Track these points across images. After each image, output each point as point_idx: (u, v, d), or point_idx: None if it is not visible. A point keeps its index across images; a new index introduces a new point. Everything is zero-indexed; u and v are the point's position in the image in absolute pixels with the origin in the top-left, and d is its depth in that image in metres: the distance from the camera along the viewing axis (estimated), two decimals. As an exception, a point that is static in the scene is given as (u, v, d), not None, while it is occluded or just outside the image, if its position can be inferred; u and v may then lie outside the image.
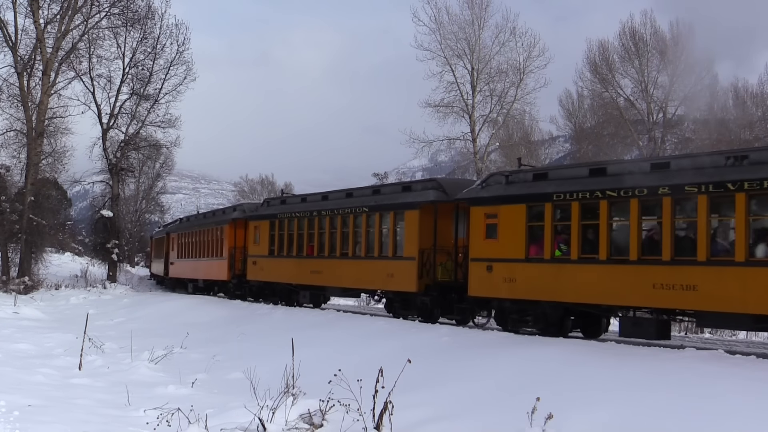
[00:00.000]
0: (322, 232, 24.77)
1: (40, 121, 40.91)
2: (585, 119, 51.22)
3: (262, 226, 28.66)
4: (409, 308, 20.73)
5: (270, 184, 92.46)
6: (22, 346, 18.63)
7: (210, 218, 36.50)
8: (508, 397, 10.59)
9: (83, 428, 9.90)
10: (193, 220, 40.95)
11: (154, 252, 52.23)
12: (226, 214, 33.97)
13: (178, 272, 41.04)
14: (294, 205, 27.28)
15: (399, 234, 21.24)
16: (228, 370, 15.13)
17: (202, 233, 35.98)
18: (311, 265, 25.18)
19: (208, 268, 34.77)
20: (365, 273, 22.34)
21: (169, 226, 45.55)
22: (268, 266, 28.12)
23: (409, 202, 20.75)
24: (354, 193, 24.26)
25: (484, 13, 42.96)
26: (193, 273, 37.56)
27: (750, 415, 8.64)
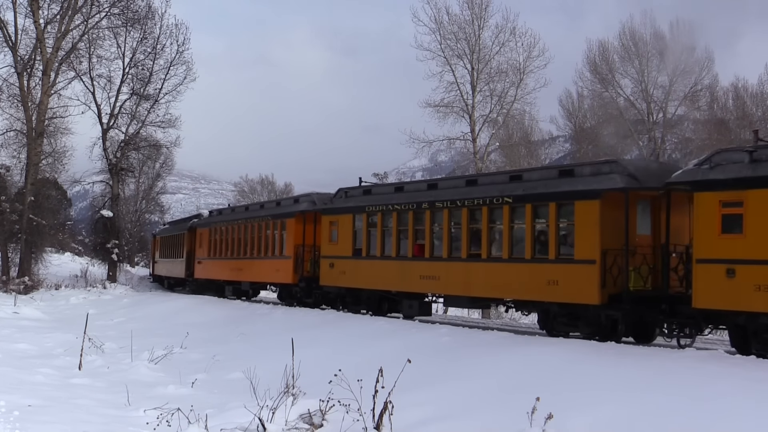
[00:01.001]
0: (437, 229, 20.28)
1: (40, 121, 40.90)
2: (585, 119, 51.21)
3: (341, 222, 23.77)
4: (585, 325, 16.33)
5: (270, 184, 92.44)
6: (22, 346, 18.63)
7: (263, 210, 31.11)
8: (508, 397, 10.59)
9: (83, 428, 9.90)
10: (232, 213, 35.09)
11: (161, 251, 47.25)
12: (289, 205, 28.69)
13: (209, 273, 35.56)
14: (386, 196, 22.60)
15: (565, 230, 16.96)
16: (228, 370, 15.13)
17: (250, 228, 30.68)
18: (421, 268, 20.58)
19: (263, 269, 29.35)
20: (510, 279, 17.94)
21: (193, 221, 39.68)
22: (352, 269, 23.10)
23: (584, 190, 16.36)
24: (479, 180, 20.22)
25: (484, 13, 42.86)
26: (236, 274, 32.10)
27: (750, 415, 8.64)
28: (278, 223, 28.15)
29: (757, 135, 16.25)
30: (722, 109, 46.27)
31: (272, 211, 29.78)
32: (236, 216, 33.23)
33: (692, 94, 44.43)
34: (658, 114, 45.37)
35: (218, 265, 34.29)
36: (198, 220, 38.51)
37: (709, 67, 44.74)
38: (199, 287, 36.63)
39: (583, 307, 16.15)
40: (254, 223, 30.47)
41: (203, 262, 36.15)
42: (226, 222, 33.79)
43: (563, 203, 16.91)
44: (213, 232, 34.92)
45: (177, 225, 44.39)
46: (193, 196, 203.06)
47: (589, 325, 16.21)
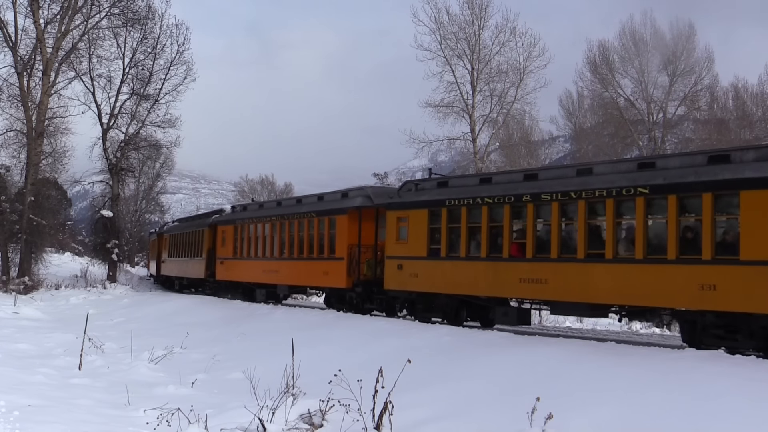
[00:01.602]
0: (543, 225, 17.44)
1: (40, 121, 40.89)
2: (585, 119, 51.28)
3: (413, 218, 20.66)
4: (749, 338, 13.71)
5: (270, 184, 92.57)
6: (22, 346, 18.62)
7: (303, 206, 27.43)
8: (508, 397, 10.59)
9: (83, 428, 9.90)
10: (261, 210, 31.68)
11: (171, 250, 44.12)
12: (336, 200, 25.18)
13: (235, 274, 32.23)
14: (470, 189, 19.32)
15: (725, 225, 14.31)
16: (228, 370, 15.13)
17: (288, 226, 27.50)
18: (521, 270, 17.50)
19: (306, 271, 26.34)
20: (645, 282, 15.04)
21: (214, 217, 36.14)
22: (427, 272, 20.08)
23: (755, 178, 13.49)
24: (595, 169, 17.02)
25: (484, 13, 42.98)
26: (270, 277, 28.95)
27: (750, 415, 8.64)
28: (325, 221, 24.85)
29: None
30: (722, 109, 46.33)
31: (315, 206, 26.18)
32: (267, 212, 29.92)
33: (692, 94, 44.48)
34: (658, 114, 45.44)
35: (247, 266, 30.66)
36: (220, 216, 35.17)
37: (709, 67, 44.84)
38: (221, 289, 33.51)
39: (746, 317, 13.49)
40: (292, 221, 27.08)
41: (227, 263, 32.60)
42: (255, 219, 30.33)
43: (723, 194, 14.09)
44: (239, 229, 31.51)
45: (193, 221, 40.72)
46: (193, 196, 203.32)
47: (753, 338, 13.64)
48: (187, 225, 41.22)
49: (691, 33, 45.24)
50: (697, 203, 14.35)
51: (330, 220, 24.61)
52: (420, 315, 20.54)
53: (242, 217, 31.72)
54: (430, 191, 20.74)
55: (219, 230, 33.77)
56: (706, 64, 44.80)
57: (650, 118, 45.26)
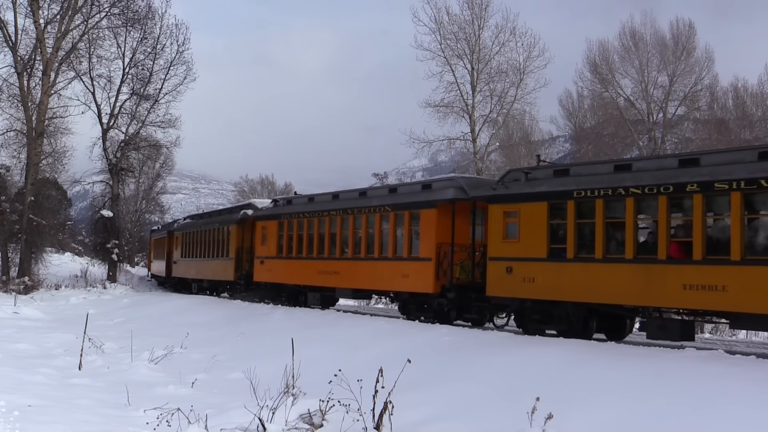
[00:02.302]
0: (716, 221, 14.60)
1: (40, 121, 40.91)
2: (585, 119, 51.30)
3: (526, 212, 17.42)
4: None
5: (270, 184, 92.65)
6: (22, 346, 18.62)
7: (367, 199, 23.59)
8: (508, 397, 10.59)
9: (83, 428, 9.90)
10: (311, 204, 27.00)
11: (184, 249, 39.99)
12: (416, 192, 21.67)
13: (279, 276, 28.17)
14: (604, 178, 16.29)
15: None
16: (228, 370, 15.13)
17: (351, 221, 23.80)
18: (686, 274, 14.41)
19: (378, 273, 22.52)
20: None
21: (244, 212, 31.49)
22: (547, 276, 16.90)
23: None
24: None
25: (484, 13, 43.02)
26: (327, 279, 24.99)
27: (750, 415, 8.63)
28: (404, 216, 21.36)
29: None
30: (722, 109, 46.35)
31: (389, 199, 22.34)
32: (322, 206, 25.71)
33: (692, 94, 44.50)
34: (658, 114, 45.44)
35: (295, 267, 26.78)
36: (254, 211, 30.76)
37: (709, 67, 44.86)
38: (260, 292, 29.76)
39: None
40: (358, 215, 23.43)
41: (268, 263, 28.62)
42: (306, 213, 26.25)
43: None
44: (284, 225, 27.56)
45: (216, 217, 36.33)
46: (193, 196, 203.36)
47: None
48: (206, 222, 36.91)
49: (691, 33, 45.26)
50: None
51: (411, 215, 21.09)
52: (533, 327, 17.36)
53: (289, 212, 27.58)
54: (547, 181, 17.45)
55: (258, 226, 29.72)
56: (706, 64, 44.84)
57: (650, 118, 45.27)
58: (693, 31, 45.34)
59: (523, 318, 17.90)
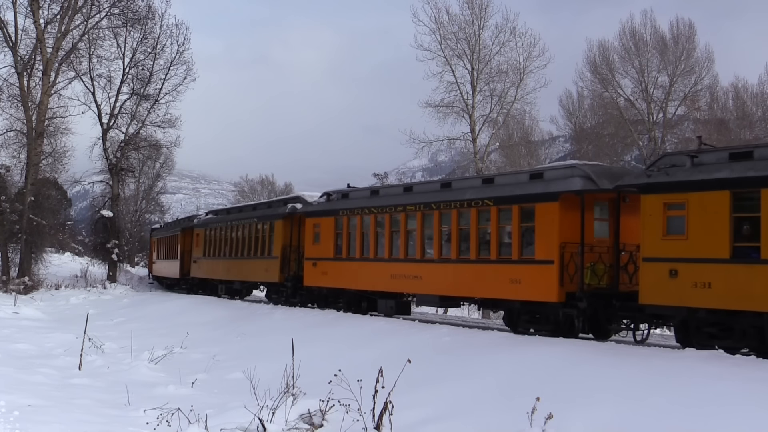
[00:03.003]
0: None
1: (40, 121, 40.92)
2: (585, 119, 51.29)
3: (698, 203, 14.46)
4: None
5: (270, 184, 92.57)
6: (22, 346, 18.62)
7: (465, 192, 19.77)
8: (508, 397, 10.59)
9: (83, 428, 9.90)
10: (375, 198, 23.52)
11: (207, 248, 35.82)
12: (533, 184, 18.11)
13: (338, 280, 24.41)
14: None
15: None
16: (228, 370, 15.13)
17: (438, 217, 20.26)
18: None
19: (474, 277, 19.17)
20: None
21: (291, 206, 27.76)
22: (733, 281, 13.81)
23: None
24: None
25: (484, 13, 42.94)
26: (406, 283, 21.44)
27: (750, 415, 8.63)
28: (513, 211, 18.04)
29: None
30: (722, 109, 46.34)
31: (484, 192, 19.02)
32: (392, 200, 22.31)
33: (692, 94, 44.48)
34: (658, 114, 45.41)
35: (359, 270, 23.32)
36: (304, 206, 27.04)
37: (709, 67, 44.85)
38: (312, 297, 26.13)
39: None
40: (444, 211, 20.08)
41: (323, 264, 25.02)
42: (372, 208, 22.83)
43: None
44: (343, 222, 24.13)
45: (250, 212, 32.53)
46: (193, 196, 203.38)
47: None
48: (240, 217, 32.90)
49: (691, 33, 45.25)
50: None
51: (522, 210, 17.88)
52: (701, 341, 14.27)
53: (349, 207, 23.99)
54: (726, 166, 14.41)
55: (308, 224, 25.98)
56: (706, 64, 44.82)
57: (650, 118, 45.23)
58: (693, 31, 45.33)
59: (688, 331, 14.77)
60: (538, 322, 17.66)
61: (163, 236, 46.23)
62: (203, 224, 37.23)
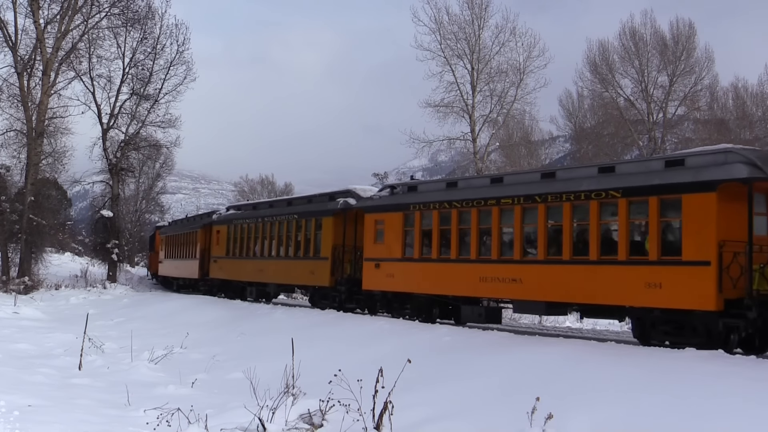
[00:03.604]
0: None
1: (40, 121, 40.92)
2: (585, 119, 51.31)
3: None
4: None
5: (270, 184, 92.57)
6: (22, 346, 18.63)
7: (578, 181, 17.01)
8: (508, 397, 10.59)
9: (83, 428, 9.90)
10: (457, 189, 20.61)
11: (230, 246, 32.70)
12: (670, 171, 15.41)
13: (407, 283, 21.37)
14: None
15: None
16: (228, 370, 15.14)
17: (544, 211, 17.39)
18: None
19: (594, 280, 16.17)
20: None
21: (343, 201, 24.51)
22: None
23: None
24: None
25: (484, 13, 43.03)
26: (495, 288, 18.67)
27: (750, 414, 8.63)
28: (645, 204, 15.39)
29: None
30: (722, 109, 46.35)
31: (607, 182, 16.27)
32: (475, 193, 19.49)
33: (692, 94, 44.50)
34: (658, 114, 45.43)
35: (437, 272, 20.36)
36: (359, 201, 23.93)
37: (709, 67, 44.86)
38: (373, 302, 23.01)
39: None
40: (551, 205, 17.33)
41: (388, 266, 21.85)
42: (452, 203, 19.93)
43: None
44: (414, 218, 21.10)
45: (287, 207, 29.16)
46: (193, 196, 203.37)
47: None
48: (274, 212, 29.63)
49: (691, 33, 45.26)
50: None
51: (661, 203, 15.13)
52: None
53: (422, 201, 21.02)
54: None
55: (369, 220, 22.87)
56: (706, 64, 44.83)
57: (650, 118, 45.26)
58: (693, 31, 45.36)
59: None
60: (680, 334, 14.86)
61: (176, 234, 42.89)
62: (225, 220, 33.48)
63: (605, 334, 20.98)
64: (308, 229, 26.52)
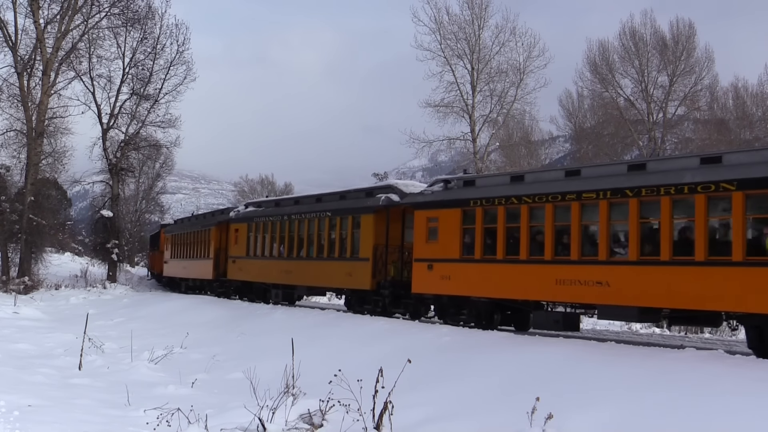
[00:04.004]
0: None
1: (40, 121, 40.93)
2: (585, 119, 51.31)
3: None
4: None
5: (270, 184, 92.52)
6: (22, 346, 18.63)
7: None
8: (508, 397, 10.59)
9: (83, 428, 9.90)
10: (518, 183, 18.34)
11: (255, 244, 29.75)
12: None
13: (466, 286, 18.72)
14: None
15: None
16: (228, 370, 15.14)
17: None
18: None
19: (751, 282, 13.20)
20: None
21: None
22: None
23: None
24: None
25: (484, 13, 43.05)
26: (607, 292, 15.49)
27: (750, 414, 8.63)
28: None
29: None
30: (722, 109, 46.35)
31: (716, 173, 14.12)
32: (548, 187, 17.20)
33: (692, 94, 44.49)
34: (658, 114, 45.42)
35: (504, 273, 17.75)
36: (411, 197, 21.38)
37: (709, 67, 44.86)
38: (422, 306, 20.97)
39: None
40: (649, 198, 15.00)
41: (443, 267, 19.26)
42: (520, 197, 17.55)
43: None
44: (478, 214, 18.45)
45: (309, 204, 26.64)
46: (193, 196, 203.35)
47: None
48: (298, 210, 26.90)
49: (691, 33, 45.26)
50: None
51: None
52: None
53: (484, 196, 18.50)
54: None
55: (419, 217, 20.23)
56: (706, 64, 44.83)
57: (650, 118, 45.25)
58: (693, 31, 45.35)
59: None
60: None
61: (184, 232, 40.09)
62: (245, 218, 30.82)
63: (605, 334, 20.99)
64: (344, 227, 23.96)
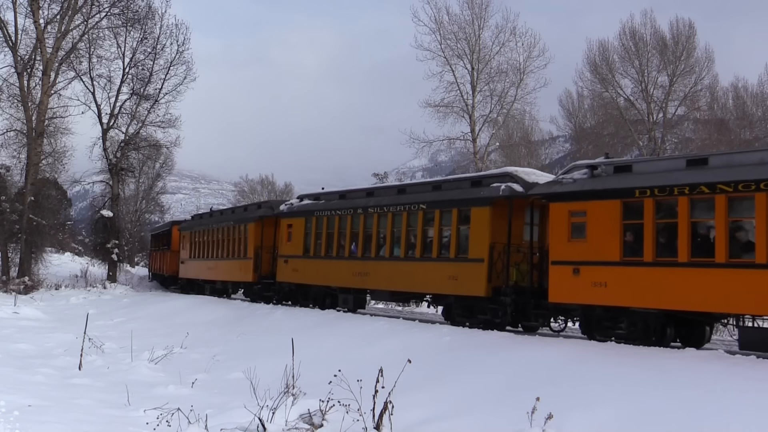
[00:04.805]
0: None
1: (40, 121, 40.91)
2: (585, 119, 51.29)
3: None
4: None
5: (270, 184, 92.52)
6: (22, 346, 18.63)
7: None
8: (508, 397, 10.59)
9: (83, 428, 9.91)
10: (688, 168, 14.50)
11: (309, 243, 25.77)
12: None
13: (635, 295, 14.75)
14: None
15: None
16: (228, 370, 15.14)
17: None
18: None
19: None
20: None
21: (506, 187, 18.15)
22: None
23: None
24: None
25: (484, 13, 43.06)
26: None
27: (750, 414, 8.63)
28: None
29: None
30: (722, 109, 46.33)
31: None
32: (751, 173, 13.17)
33: (692, 94, 44.49)
34: (658, 114, 45.41)
35: (685, 278, 13.88)
36: (544, 186, 17.45)
37: (709, 67, 44.85)
38: (565, 315, 17.26)
39: None
40: None
41: (591, 270, 15.60)
42: (717, 184, 13.48)
43: None
44: (648, 207, 14.61)
45: (392, 196, 22.50)
46: (193, 196, 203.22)
47: None
48: (376, 203, 22.88)
49: (691, 33, 45.25)
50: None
51: None
52: None
53: (656, 185, 14.58)
54: None
55: (558, 210, 16.59)
56: (706, 64, 44.82)
57: (650, 118, 45.24)
58: (693, 31, 45.31)
59: None
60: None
61: (208, 228, 35.54)
62: (302, 212, 26.40)
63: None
64: (445, 222, 20.17)
